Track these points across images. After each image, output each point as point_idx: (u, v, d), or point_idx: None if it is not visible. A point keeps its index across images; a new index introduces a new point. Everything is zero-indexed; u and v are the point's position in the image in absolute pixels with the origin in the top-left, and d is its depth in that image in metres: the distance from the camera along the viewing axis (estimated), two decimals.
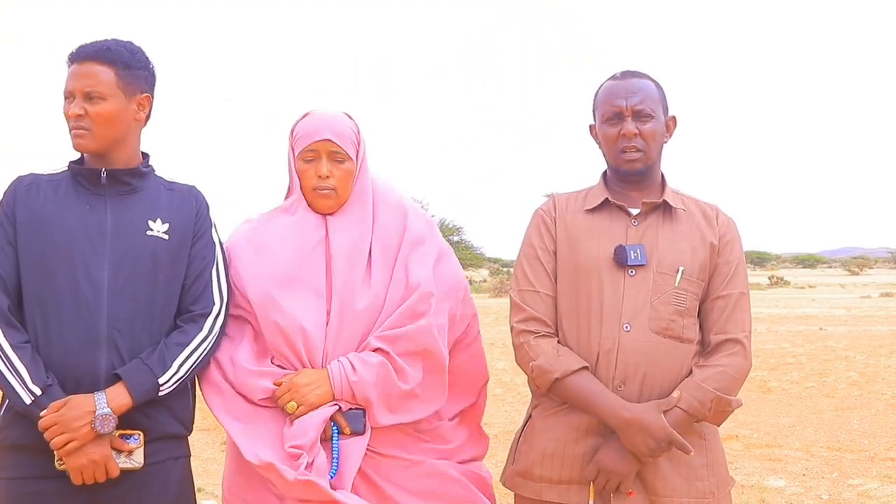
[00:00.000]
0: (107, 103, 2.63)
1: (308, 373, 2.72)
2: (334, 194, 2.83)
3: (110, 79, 2.64)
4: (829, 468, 7.12)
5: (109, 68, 2.63)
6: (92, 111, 2.62)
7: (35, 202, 2.64)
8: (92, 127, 2.63)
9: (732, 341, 2.65)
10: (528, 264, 2.78)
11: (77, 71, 2.63)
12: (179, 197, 2.79)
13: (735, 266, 2.73)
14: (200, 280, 2.73)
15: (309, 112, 2.90)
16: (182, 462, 2.77)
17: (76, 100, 2.63)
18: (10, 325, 2.55)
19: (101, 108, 2.63)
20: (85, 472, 2.51)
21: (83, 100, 2.62)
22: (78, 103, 2.62)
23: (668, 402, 2.56)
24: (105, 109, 2.63)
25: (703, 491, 2.64)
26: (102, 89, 2.62)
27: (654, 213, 2.74)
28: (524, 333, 2.72)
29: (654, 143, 2.72)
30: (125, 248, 2.63)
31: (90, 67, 2.62)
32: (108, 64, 2.63)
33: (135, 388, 2.54)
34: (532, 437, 2.76)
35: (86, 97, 2.62)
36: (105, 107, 2.63)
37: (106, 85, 2.63)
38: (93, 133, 2.63)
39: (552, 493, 2.68)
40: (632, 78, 2.74)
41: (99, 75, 2.62)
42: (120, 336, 2.58)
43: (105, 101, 2.63)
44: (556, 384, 2.63)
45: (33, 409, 2.49)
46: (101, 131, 2.64)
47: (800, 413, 9.58)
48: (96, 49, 2.63)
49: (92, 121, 2.62)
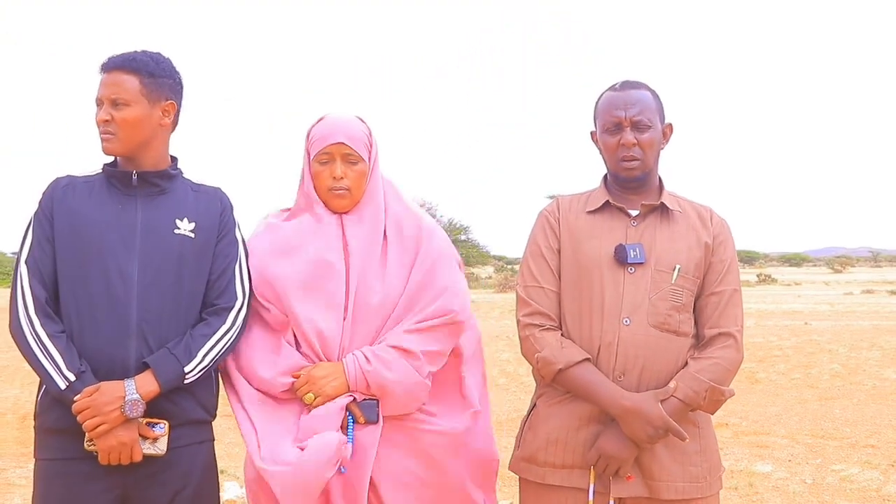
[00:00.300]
0: (131, 109, 2.65)
1: (324, 366, 2.73)
2: (348, 194, 2.83)
3: (134, 86, 2.66)
4: (813, 454, 7.11)
5: (134, 76, 2.66)
6: (117, 116, 2.64)
7: (71, 202, 2.66)
8: (117, 131, 2.65)
9: (725, 335, 2.65)
10: (533, 262, 2.79)
11: (105, 79, 2.66)
12: (205, 198, 2.80)
13: (728, 264, 2.73)
14: (224, 276, 2.74)
15: (323, 116, 2.91)
16: (206, 446, 2.78)
17: (104, 106, 2.66)
18: (47, 315, 2.57)
19: (125, 114, 2.65)
20: (112, 454, 2.52)
21: (110, 106, 2.65)
22: (105, 109, 2.65)
23: (666, 391, 2.56)
24: (129, 115, 2.65)
25: (696, 475, 2.64)
26: (127, 96, 2.65)
27: (653, 214, 2.74)
28: (530, 327, 2.72)
29: (652, 151, 2.72)
30: (154, 246, 2.64)
31: (117, 76, 2.65)
32: (132, 72, 2.66)
33: (162, 375, 2.55)
34: (537, 424, 2.76)
35: (112, 104, 2.65)
36: (129, 112, 2.65)
37: (130, 92, 2.65)
38: (118, 137, 2.66)
39: (556, 478, 2.68)
40: (630, 89, 2.74)
41: (124, 83, 2.65)
42: (148, 327, 2.59)
43: (129, 108, 2.65)
44: (559, 374, 2.63)
45: (67, 394, 2.51)
46: (125, 135, 2.66)
47: (786, 403, 9.56)
48: (123, 59, 2.66)
49: (117, 125, 2.65)
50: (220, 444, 2.87)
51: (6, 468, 6.57)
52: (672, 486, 2.61)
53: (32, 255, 2.63)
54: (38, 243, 2.63)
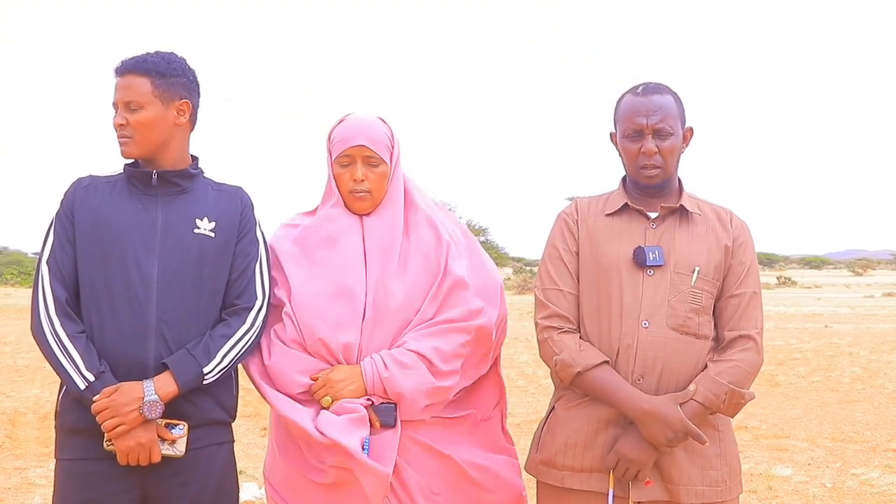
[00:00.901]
0: (145, 111, 2.66)
1: (342, 369, 2.73)
2: (369, 196, 2.83)
3: (146, 88, 2.66)
4: (834, 458, 7.07)
5: (145, 78, 2.66)
6: (132, 120, 2.65)
7: (92, 202, 2.67)
8: (133, 134, 2.66)
9: (745, 337, 2.63)
10: (551, 264, 2.77)
11: (119, 83, 2.67)
12: (226, 197, 2.79)
13: (748, 266, 2.71)
14: (244, 276, 2.73)
15: (345, 118, 2.90)
16: (226, 447, 2.77)
17: (119, 110, 2.67)
18: (67, 315, 2.58)
19: (139, 117, 2.65)
20: (131, 455, 2.53)
21: (125, 110, 2.66)
22: (121, 113, 2.66)
23: (685, 394, 2.54)
24: (143, 117, 2.65)
25: (715, 479, 2.63)
26: (140, 99, 2.65)
27: (672, 216, 2.72)
28: (548, 329, 2.71)
29: (673, 158, 2.70)
30: (174, 245, 2.64)
31: (129, 79, 2.66)
32: (143, 74, 2.66)
33: (181, 376, 2.56)
34: (555, 427, 2.75)
35: (126, 107, 2.65)
36: (143, 115, 2.65)
37: (142, 94, 2.65)
38: (135, 140, 2.67)
39: (574, 481, 2.66)
40: (653, 94, 2.70)
41: (136, 86, 2.65)
42: (168, 328, 2.59)
43: (143, 110, 2.65)
44: (578, 377, 2.62)
45: (87, 394, 2.51)
46: (141, 137, 2.67)
47: (806, 406, 9.51)
48: (134, 62, 2.67)
49: (133, 128, 2.66)
50: (239, 445, 2.88)
51: (27, 467, 6.61)
52: (692, 489, 2.59)
53: (53, 255, 2.63)
54: (60, 244, 2.64)
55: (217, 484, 2.71)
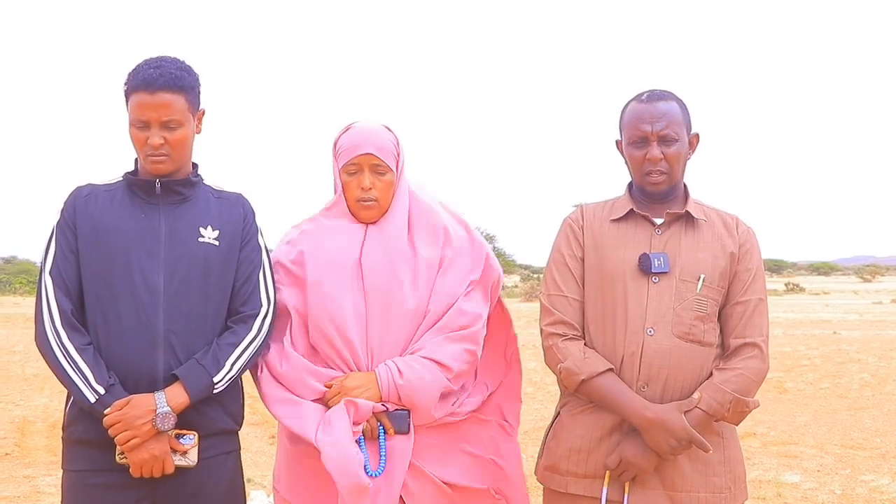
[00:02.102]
0: (183, 129, 2.62)
1: (357, 376, 2.73)
2: (376, 205, 2.83)
3: (183, 106, 2.61)
4: (843, 465, 7.04)
5: (180, 95, 2.60)
6: (171, 138, 2.60)
7: (94, 211, 2.65)
8: (171, 153, 2.62)
9: (751, 345, 2.63)
10: (556, 270, 2.77)
11: (150, 101, 2.57)
12: (228, 204, 2.78)
13: (754, 273, 2.70)
14: (249, 283, 2.73)
15: (351, 125, 2.89)
16: (233, 456, 2.78)
17: (154, 129, 2.59)
18: (73, 328, 2.56)
19: (178, 135, 2.61)
20: (144, 467, 2.52)
21: (162, 129, 2.59)
22: (156, 133, 2.59)
23: (689, 402, 2.54)
24: (182, 135, 2.63)
25: (719, 486, 2.62)
26: (179, 117, 2.60)
27: (677, 223, 2.72)
28: (553, 336, 2.71)
29: (679, 164, 2.70)
30: (179, 255, 2.63)
31: (165, 97, 2.57)
32: (178, 91, 2.60)
33: (192, 387, 2.55)
34: (560, 433, 2.75)
35: (164, 126, 2.59)
36: (182, 133, 2.62)
37: (180, 112, 2.60)
38: (171, 158, 2.63)
39: (578, 487, 2.67)
40: (657, 101, 2.70)
41: (174, 104, 2.59)
42: (175, 337, 2.59)
43: (182, 128, 2.62)
44: (582, 385, 2.62)
45: (97, 407, 2.50)
46: (178, 155, 2.64)
47: (814, 412, 9.47)
48: (167, 79, 2.58)
49: (171, 147, 2.61)
50: (247, 453, 2.88)
51: (36, 476, 6.62)
52: (694, 496, 2.59)
53: (56, 266, 2.61)
54: (62, 254, 2.62)
55: (225, 493, 2.71)
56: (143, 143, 2.61)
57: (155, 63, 2.61)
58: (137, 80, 2.59)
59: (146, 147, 2.61)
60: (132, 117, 2.62)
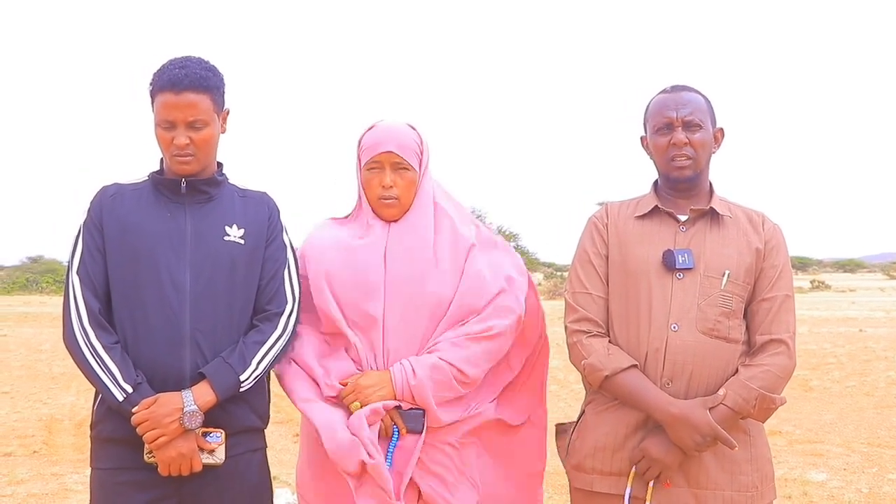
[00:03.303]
0: (209, 129, 2.64)
1: (372, 375, 2.74)
2: (397, 203, 2.83)
3: (208, 106, 2.63)
4: (870, 463, 6.98)
5: (206, 95, 2.62)
6: (197, 138, 2.62)
7: (120, 211, 2.66)
8: (197, 153, 2.64)
9: (777, 341, 2.61)
10: (581, 268, 2.77)
11: (176, 101, 2.59)
12: (253, 203, 2.80)
13: (780, 270, 2.69)
14: (274, 281, 2.74)
15: (374, 124, 2.91)
16: (260, 454, 2.79)
17: (180, 129, 2.61)
18: (101, 326, 2.58)
19: (204, 135, 2.63)
20: (172, 465, 2.53)
21: (188, 129, 2.61)
22: (182, 132, 2.60)
23: (714, 399, 2.53)
24: (208, 135, 2.64)
25: (745, 484, 2.61)
26: (205, 117, 2.62)
27: (702, 219, 2.71)
28: (577, 333, 2.71)
29: (704, 151, 2.70)
30: (205, 254, 2.65)
31: (191, 97, 2.59)
32: (204, 91, 2.62)
33: (219, 385, 2.56)
34: (585, 431, 2.75)
35: (190, 126, 2.61)
36: (208, 132, 2.64)
37: (206, 112, 2.62)
38: (197, 158, 2.65)
39: (603, 485, 2.66)
40: (682, 91, 2.73)
41: (200, 104, 2.60)
42: (202, 336, 2.60)
43: (208, 127, 2.63)
44: (606, 381, 2.62)
45: (125, 406, 2.51)
46: (204, 155, 2.66)
47: (841, 410, 9.41)
48: (192, 79, 2.59)
49: (197, 147, 2.63)
50: (272, 451, 2.89)
51: (63, 473, 6.67)
52: (719, 494, 2.58)
53: (84, 265, 2.63)
54: (89, 253, 2.64)
55: (252, 491, 2.73)
56: (169, 144, 2.62)
57: (180, 63, 2.63)
58: (163, 81, 2.61)
59: (172, 147, 2.62)
60: (158, 118, 2.63)
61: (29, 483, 6.41)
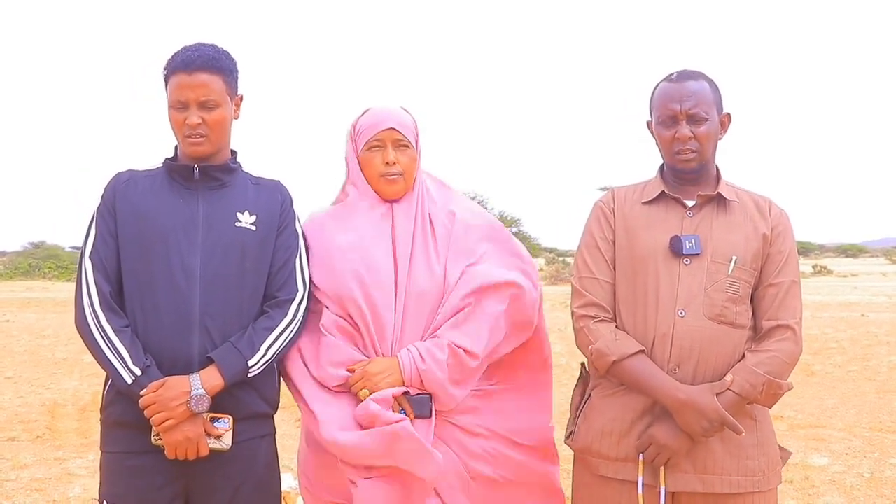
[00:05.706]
0: (221, 110, 2.66)
1: (379, 361, 2.74)
2: (401, 179, 2.83)
3: (220, 87, 2.65)
4: (871, 448, 7.00)
5: (218, 76, 2.65)
6: (208, 118, 2.64)
7: (133, 196, 2.68)
8: (209, 133, 2.65)
9: (784, 327, 2.62)
10: (588, 253, 2.77)
11: (188, 81, 2.62)
12: (266, 191, 2.81)
13: (787, 256, 2.69)
14: (285, 268, 2.75)
15: (368, 108, 2.92)
16: (268, 440, 2.80)
17: (192, 109, 2.63)
18: (111, 310, 2.59)
19: (216, 115, 2.65)
20: (179, 449, 2.55)
21: (199, 109, 2.63)
22: (195, 112, 2.63)
23: (721, 384, 2.53)
24: (220, 116, 2.66)
25: (752, 469, 2.62)
26: (216, 97, 2.64)
27: (709, 204, 2.71)
28: (584, 318, 2.71)
29: (709, 142, 2.69)
30: (216, 239, 2.66)
31: (203, 77, 2.62)
32: (216, 72, 2.64)
33: (226, 370, 2.57)
34: (591, 415, 2.75)
35: (201, 106, 2.63)
36: (219, 113, 2.65)
37: (218, 93, 2.64)
38: (209, 139, 2.66)
39: (609, 470, 2.67)
40: (686, 80, 2.70)
41: (211, 84, 2.63)
42: (211, 321, 2.61)
43: (219, 108, 2.65)
44: (613, 366, 2.62)
45: (134, 389, 2.53)
46: (216, 137, 2.67)
47: (842, 395, 9.43)
48: (205, 59, 2.63)
49: (209, 128, 2.64)
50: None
51: (67, 458, 6.69)
52: (726, 479, 2.59)
53: (96, 249, 2.65)
54: (102, 238, 2.66)
55: (259, 476, 2.74)
56: (182, 124, 2.65)
57: (193, 47, 2.67)
58: (176, 62, 2.64)
59: (184, 127, 2.64)
60: (171, 99, 2.66)
61: (33, 468, 6.44)
